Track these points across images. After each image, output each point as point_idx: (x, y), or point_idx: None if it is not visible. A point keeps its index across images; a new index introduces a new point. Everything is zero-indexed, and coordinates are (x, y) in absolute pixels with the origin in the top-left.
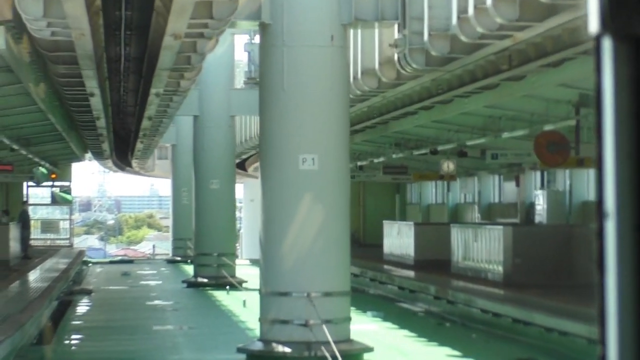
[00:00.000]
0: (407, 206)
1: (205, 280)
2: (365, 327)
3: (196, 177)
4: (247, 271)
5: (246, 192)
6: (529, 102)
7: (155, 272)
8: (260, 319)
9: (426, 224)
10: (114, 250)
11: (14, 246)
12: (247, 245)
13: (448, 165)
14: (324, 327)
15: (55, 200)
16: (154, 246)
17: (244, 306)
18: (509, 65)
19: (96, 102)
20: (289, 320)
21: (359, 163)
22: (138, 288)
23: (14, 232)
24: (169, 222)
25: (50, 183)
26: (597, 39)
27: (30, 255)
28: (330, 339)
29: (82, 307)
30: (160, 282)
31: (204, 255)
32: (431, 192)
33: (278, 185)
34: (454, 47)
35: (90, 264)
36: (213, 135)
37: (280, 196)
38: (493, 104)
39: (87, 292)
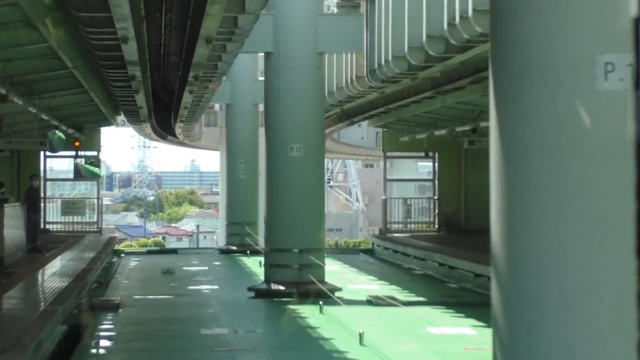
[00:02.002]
0: None
1: (282, 287)
2: None
3: (268, 140)
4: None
5: None
6: None
7: (206, 268)
8: None
9: None
10: (154, 228)
11: (14, 237)
12: None
13: None
14: None
15: (79, 174)
16: (197, 226)
17: (360, 343)
18: None
19: (120, 3)
20: None
21: (482, 124)
22: (186, 299)
23: (14, 216)
24: (211, 199)
25: (72, 152)
26: (637, 22)
27: (40, 248)
28: None
29: (100, 342)
30: (216, 286)
31: (279, 251)
32: None
33: (534, 133)
34: None
35: (122, 255)
36: (293, 79)
37: (539, 156)
38: None
39: (113, 307)
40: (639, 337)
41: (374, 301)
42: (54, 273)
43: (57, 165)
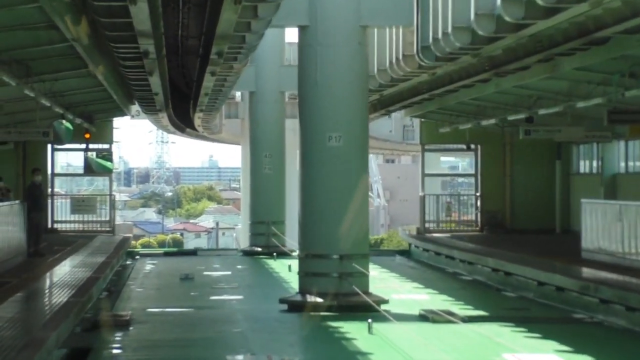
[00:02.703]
0: (571, 177)
1: (319, 300)
2: None
3: (303, 129)
4: None
5: None
6: None
7: (229, 273)
8: None
9: None
10: (172, 224)
11: (12, 239)
12: None
13: None
14: None
15: (90, 169)
16: (217, 223)
17: None
18: None
19: None
20: None
21: (541, 111)
22: (207, 313)
23: (12, 215)
24: (230, 195)
25: (83, 145)
26: None
27: (43, 251)
28: None
29: None
30: (241, 297)
31: (316, 258)
32: (619, 156)
33: None
34: None
35: (137, 257)
36: (332, 57)
37: None
38: None
39: (122, 324)
40: None
41: (429, 317)
42: (53, 284)
43: (74, 160)
